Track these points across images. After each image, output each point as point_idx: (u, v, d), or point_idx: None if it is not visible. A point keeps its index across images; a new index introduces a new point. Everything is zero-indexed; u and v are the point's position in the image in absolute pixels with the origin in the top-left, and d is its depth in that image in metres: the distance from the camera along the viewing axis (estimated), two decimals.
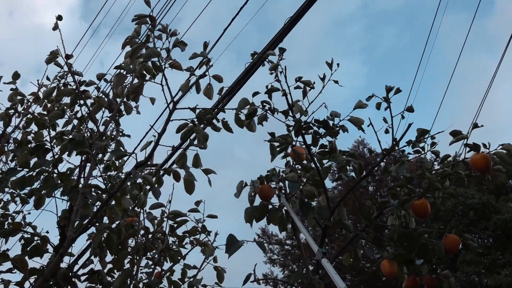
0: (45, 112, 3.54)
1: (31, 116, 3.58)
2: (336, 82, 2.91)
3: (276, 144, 3.14)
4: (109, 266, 3.31)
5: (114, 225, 3.21)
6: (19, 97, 3.68)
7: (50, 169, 3.24)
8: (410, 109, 2.73)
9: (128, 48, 3.29)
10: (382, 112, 2.82)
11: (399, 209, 2.82)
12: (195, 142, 3.14)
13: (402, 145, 2.76)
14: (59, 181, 3.24)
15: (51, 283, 3.02)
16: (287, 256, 24.10)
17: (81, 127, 3.54)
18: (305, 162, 3.23)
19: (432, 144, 2.83)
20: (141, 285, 3.25)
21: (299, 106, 2.93)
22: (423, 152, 2.84)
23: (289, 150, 3.24)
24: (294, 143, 3.19)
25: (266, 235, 25.13)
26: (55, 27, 3.27)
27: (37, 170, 3.21)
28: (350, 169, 3.11)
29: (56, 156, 3.29)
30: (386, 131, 2.77)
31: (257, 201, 3.19)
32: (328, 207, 3.00)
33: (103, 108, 3.55)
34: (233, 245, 2.54)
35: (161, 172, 3.24)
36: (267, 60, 3.00)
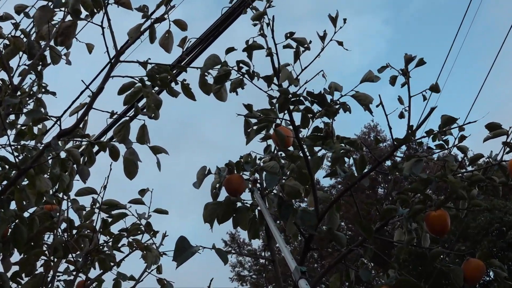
0: None
1: None
2: (340, 43, 2.92)
3: (254, 121, 3.15)
4: (15, 268, 3.30)
5: (25, 214, 3.19)
6: None
7: None
8: (434, 89, 2.76)
9: None
10: (398, 90, 2.85)
11: (409, 221, 2.87)
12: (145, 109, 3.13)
13: (420, 136, 2.80)
14: None
15: None
16: (261, 272, 24.36)
17: None
18: (291, 148, 3.25)
19: (461, 138, 2.87)
20: None
21: (288, 72, 2.93)
22: (447, 148, 2.88)
23: (271, 131, 3.25)
24: (278, 121, 3.20)
25: (236, 243, 25.33)
26: None
27: None
28: (351, 162, 3.14)
29: None
30: (401, 116, 2.80)
31: (223, 195, 3.22)
32: (316, 211, 3.04)
33: (21, 53, 3.49)
34: (183, 251, 2.54)
35: (95, 147, 3.22)
36: (250, 6, 2.98)
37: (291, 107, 2.94)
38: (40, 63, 3.51)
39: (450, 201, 2.87)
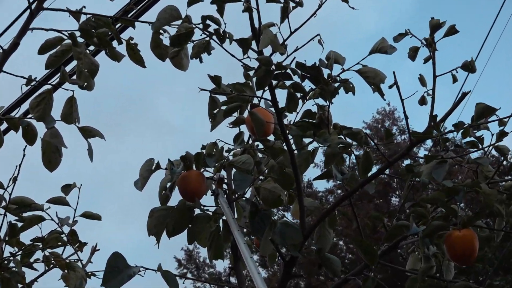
0: None
1: None
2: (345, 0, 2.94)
3: (223, 99, 3.15)
4: None
5: None
6: None
7: None
8: (468, 67, 2.79)
9: None
10: (420, 66, 2.88)
11: (426, 243, 2.90)
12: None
13: (446, 130, 2.83)
14: None
15: None
16: None
17: None
18: (271, 138, 3.26)
19: (501, 135, 2.90)
20: None
21: (272, 35, 2.94)
22: (481, 147, 2.91)
23: (245, 113, 3.26)
24: (255, 101, 3.20)
25: (194, 263, 25.32)
26: None
27: None
28: (352, 161, 3.17)
29: None
30: (422, 101, 2.83)
31: (177, 198, 3.23)
32: (302, 225, 3.06)
33: None
34: (117, 274, 2.56)
35: (3, 124, 3.22)
36: None
37: (274, 82, 2.96)
38: None
39: (481, 218, 2.90)
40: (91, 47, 3.20)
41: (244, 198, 3.33)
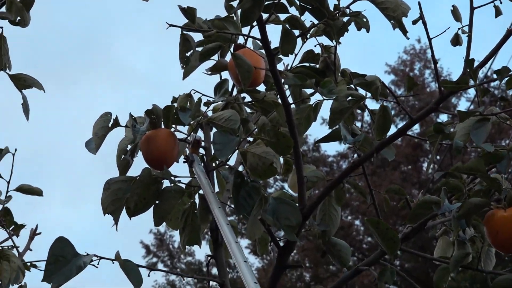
0: None
1: None
2: None
3: (198, 38, 3.15)
4: None
5: None
6: None
7: None
8: None
9: None
10: None
11: (460, 225, 2.91)
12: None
13: (484, 79, 2.85)
14: None
15: None
16: None
17: None
18: (261, 88, 3.26)
19: None
20: None
21: None
22: None
23: (228, 56, 3.26)
24: (240, 41, 3.20)
25: (167, 250, 25.23)
26: None
27: None
28: (366, 119, 3.19)
29: None
30: (455, 41, 2.84)
31: (140, 165, 3.23)
32: (300, 201, 3.08)
33: None
34: (62, 265, 2.57)
35: None
36: None
37: (265, 16, 2.96)
38: None
39: None
40: None
41: (227, 166, 3.33)
